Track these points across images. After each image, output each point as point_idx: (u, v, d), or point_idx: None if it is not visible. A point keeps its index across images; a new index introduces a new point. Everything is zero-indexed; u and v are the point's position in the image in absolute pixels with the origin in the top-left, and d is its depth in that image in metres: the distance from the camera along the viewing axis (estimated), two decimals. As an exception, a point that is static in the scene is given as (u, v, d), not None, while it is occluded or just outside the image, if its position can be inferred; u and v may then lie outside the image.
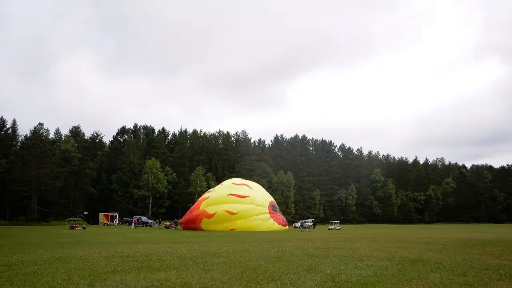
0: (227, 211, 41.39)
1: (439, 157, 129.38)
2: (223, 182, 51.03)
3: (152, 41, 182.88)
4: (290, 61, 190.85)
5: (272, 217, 43.79)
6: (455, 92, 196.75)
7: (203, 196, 47.42)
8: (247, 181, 49.81)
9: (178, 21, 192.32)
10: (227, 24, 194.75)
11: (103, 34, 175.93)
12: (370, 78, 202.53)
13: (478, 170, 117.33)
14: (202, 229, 41.56)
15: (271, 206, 45.06)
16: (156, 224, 54.34)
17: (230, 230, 39.94)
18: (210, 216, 41.72)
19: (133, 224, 52.90)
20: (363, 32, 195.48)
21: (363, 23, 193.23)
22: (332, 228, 48.69)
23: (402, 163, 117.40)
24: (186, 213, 47.10)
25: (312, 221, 63.53)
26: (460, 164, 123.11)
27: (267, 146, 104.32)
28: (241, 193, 43.41)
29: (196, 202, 47.12)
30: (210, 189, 52.20)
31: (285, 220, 47.57)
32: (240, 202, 42.42)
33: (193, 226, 43.05)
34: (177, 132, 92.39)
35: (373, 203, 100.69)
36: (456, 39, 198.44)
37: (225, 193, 43.96)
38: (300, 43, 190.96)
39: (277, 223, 43.78)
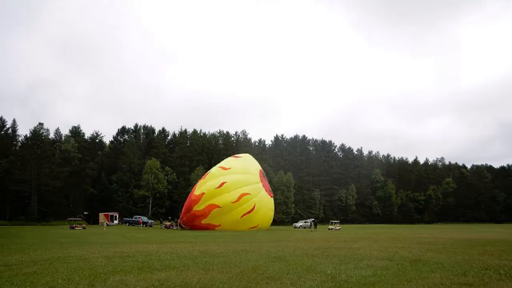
0: (220, 167, 43.54)
1: (439, 157, 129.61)
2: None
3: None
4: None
5: (261, 181, 44.89)
6: None
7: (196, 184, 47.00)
8: (236, 155, 51.64)
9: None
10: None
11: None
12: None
13: (478, 170, 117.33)
14: (202, 213, 40.76)
15: (261, 173, 46.88)
16: (141, 225, 52.46)
17: (221, 183, 40.58)
18: (204, 177, 43.62)
19: (141, 225, 52.39)
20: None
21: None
22: (332, 228, 48.70)
23: (402, 163, 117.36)
24: (184, 208, 45.61)
25: (313, 221, 63.04)
26: (460, 164, 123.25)
27: (267, 146, 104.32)
28: (238, 156, 47.44)
29: (190, 193, 46.27)
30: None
31: (271, 190, 48.85)
32: (233, 161, 45.12)
33: (191, 218, 42.33)
34: (177, 132, 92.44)
35: (373, 203, 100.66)
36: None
37: (217, 167, 45.81)
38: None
39: (264, 190, 44.63)
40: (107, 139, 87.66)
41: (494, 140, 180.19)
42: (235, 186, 41.22)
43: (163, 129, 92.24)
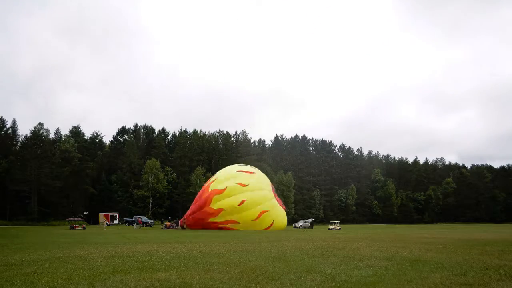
0: (238, 183, 42.18)
1: (439, 157, 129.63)
2: (226, 167, 51.13)
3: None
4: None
5: (275, 196, 45.67)
6: None
7: (210, 180, 46.96)
8: (248, 165, 51.37)
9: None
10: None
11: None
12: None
13: (478, 170, 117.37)
14: (211, 213, 41.28)
15: (273, 188, 47.52)
16: (135, 225, 52.41)
17: (242, 201, 40.57)
18: (221, 191, 41.96)
19: (135, 224, 52.65)
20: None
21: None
22: (332, 228, 48.68)
23: (402, 163, 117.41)
24: (192, 208, 45.78)
25: (313, 221, 63.36)
26: (460, 164, 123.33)
27: (267, 146, 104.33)
28: (249, 170, 45.70)
29: (203, 187, 46.56)
30: (214, 175, 50.41)
31: (282, 202, 49.36)
32: (249, 177, 43.82)
33: (201, 216, 42.72)
34: (177, 132, 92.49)
35: (373, 203, 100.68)
36: None
37: (233, 171, 45.28)
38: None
39: (278, 204, 45.57)
40: (107, 139, 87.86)
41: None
42: (255, 204, 42.00)
43: (163, 129, 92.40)
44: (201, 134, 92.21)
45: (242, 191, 41.61)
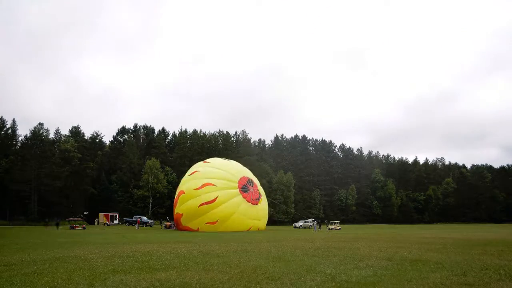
0: (204, 203, 38.46)
1: (439, 157, 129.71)
2: (193, 167, 46.35)
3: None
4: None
5: (243, 195, 40.67)
6: None
7: (178, 192, 43.71)
8: (213, 159, 47.54)
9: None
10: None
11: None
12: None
13: (478, 170, 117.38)
14: (179, 214, 41.09)
15: (246, 181, 42.37)
16: (137, 226, 51.81)
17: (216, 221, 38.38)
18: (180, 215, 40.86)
19: (137, 225, 52.53)
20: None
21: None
22: (332, 228, 48.68)
23: (402, 163, 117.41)
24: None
25: (313, 220, 62.59)
26: (460, 164, 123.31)
27: (267, 146, 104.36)
28: (212, 182, 39.99)
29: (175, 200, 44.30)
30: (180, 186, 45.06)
31: (257, 198, 42.68)
32: (214, 193, 39.07)
33: (176, 221, 42.96)
34: (177, 132, 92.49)
35: (373, 203, 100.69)
36: None
37: (198, 185, 40.14)
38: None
39: (246, 200, 40.58)
40: (107, 139, 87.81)
41: None
42: (204, 176, 40.60)
43: (163, 129, 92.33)
44: (201, 134, 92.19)
45: (200, 165, 41.50)
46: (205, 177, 40.41)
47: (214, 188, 39.39)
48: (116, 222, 59.27)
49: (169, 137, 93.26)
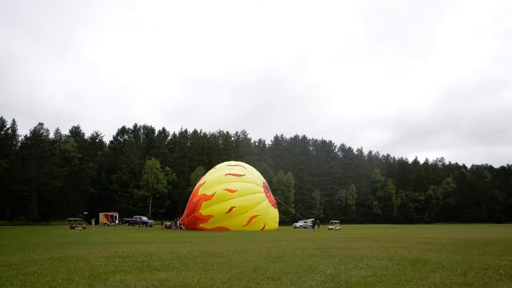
0: (226, 189, 41.33)
1: (439, 157, 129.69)
2: (216, 166, 50.15)
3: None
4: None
5: (267, 197, 44.85)
6: None
7: (199, 183, 46.08)
8: (240, 162, 50.71)
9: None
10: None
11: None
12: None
13: (478, 170, 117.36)
14: (201, 218, 41.26)
15: (265, 186, 46.24)
16: (137, 226, 52.14)
17: (230, 208, 40.30)
18: (209, 197, 41.34)
19: (137, 225, 52.52)
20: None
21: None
22: (332, 228, 48.67)
23: (402, 163, 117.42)
24: (185, 211, 46.00)
25: (313, 220, 62.55)
26: (460, 164, 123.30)
27: (267, 146, 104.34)
28: (238, 172, 44.19)
29: (193, 191, 45.93)
30: (203, 177, 49.46)
31: (275, 202, 48.28)
32: (238, 181, 42.84)
33: (193, 220, 42.75)
34: (177, 132, 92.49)
35: (373, 203, 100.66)
36: None
37: (222, 174, 44.11)
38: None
39: (271, 204, 45.00)
40: (107, 139, 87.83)
41: None
42: (245, 210, 41.48)
43: (163, 129, 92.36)
44: (201, 134, 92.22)
45: (231, 197, 40.98)
46: (246, 210, 41.73)
47: (260, 218, 42.37)
48: (116, 222, 59.12)
49: (169, 137, 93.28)
